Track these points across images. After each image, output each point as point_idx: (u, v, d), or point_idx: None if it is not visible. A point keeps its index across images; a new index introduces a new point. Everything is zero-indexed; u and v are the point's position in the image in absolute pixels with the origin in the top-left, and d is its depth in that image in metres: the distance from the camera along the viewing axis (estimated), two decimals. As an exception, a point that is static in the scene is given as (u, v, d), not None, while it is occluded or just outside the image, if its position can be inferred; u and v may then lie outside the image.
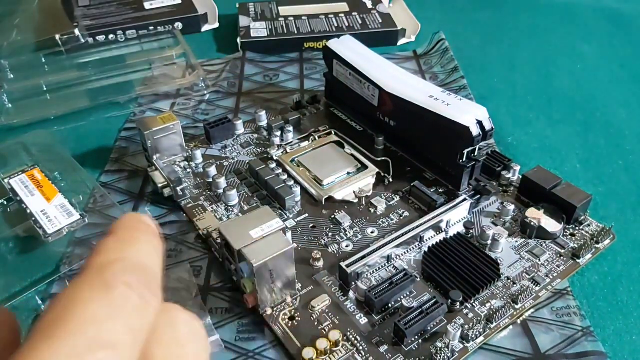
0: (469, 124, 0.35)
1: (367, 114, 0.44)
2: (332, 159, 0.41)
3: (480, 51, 0.61)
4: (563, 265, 0.34)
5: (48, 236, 0.35)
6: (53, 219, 0.36)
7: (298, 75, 0.56)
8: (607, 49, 0.61)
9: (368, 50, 0.44)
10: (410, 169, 0.41)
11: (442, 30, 0.61)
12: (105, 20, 0.62)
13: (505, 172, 0.40)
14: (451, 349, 0.29)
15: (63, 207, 0.37)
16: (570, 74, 0.56)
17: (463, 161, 0.37)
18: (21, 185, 0.39)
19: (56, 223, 0.36)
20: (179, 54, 0.57)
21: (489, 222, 0.37)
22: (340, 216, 0.37)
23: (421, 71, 0.56)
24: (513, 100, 0.52)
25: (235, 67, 0.57)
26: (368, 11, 0.65)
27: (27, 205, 0.37)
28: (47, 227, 0.35)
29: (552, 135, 0.47)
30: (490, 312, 0.31)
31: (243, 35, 0.60)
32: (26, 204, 0.37)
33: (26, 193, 0.38)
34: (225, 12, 0.67)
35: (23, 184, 0.39)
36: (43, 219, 0.36)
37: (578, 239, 0.35)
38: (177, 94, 0.52)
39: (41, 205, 0.37)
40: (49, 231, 0.35)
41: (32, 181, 0.39)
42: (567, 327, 0.31)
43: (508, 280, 0.33)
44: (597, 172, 0.43)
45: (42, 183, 0.39)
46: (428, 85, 0.39)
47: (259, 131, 0.46)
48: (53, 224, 0.36)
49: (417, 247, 0.35)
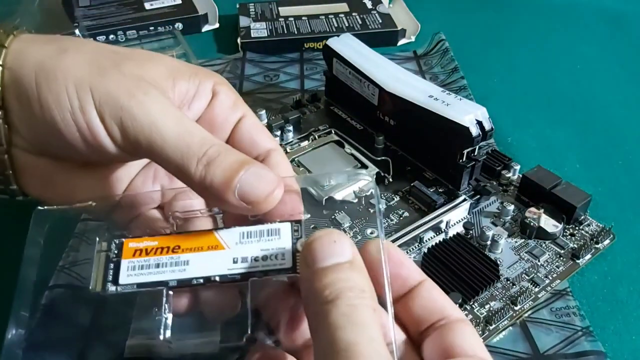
0: (469, 124, 0.35)
1: (367, 113, 0.44)
2: (332, 159, 0.41)
3: (480, 51, 0.61)
4: (562, 266, 0.34)
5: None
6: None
7: (298, 75, 0.56)
8: (607, 49, 0.61)
9: (368, 48, 0.44)
10: (410, 168, 0.41)
11: (442, 30, 0.61)
12: (105, 20, 0.62)
13: (505, 171, 0.40)
14: (450, 349, 0.29)
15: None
16: (570, 74, 0.56)
17: (463, 161, 0.37)
18: None
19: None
20: (179, 54, 0.57)
21: (489, 223, 0.37)
22: (340, 216, 0.37)
23: (421, 71, 0.56)
24: (513, 100, 0.52)
25: (235, 68, 0.57)
26: (368, 11, 0.65)
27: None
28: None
29: (552, 135, 0.47)
30: (490, 314, 0.31)
31: (243, 35, 0.60)
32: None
33: None
34: (225, 12, 0.67)
35: None
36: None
37: (578, 239, 0.35)
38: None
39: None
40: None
41: None
42: (567, 327, 0.31)
43: (507, 282, 0.33)
44: (597, 172, 0.43)
45: None
46: (428, 85, 0.39)
47: (258, 131, 0.46)
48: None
49: (416, 248, 0.35)
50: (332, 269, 0.18)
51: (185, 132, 0.21)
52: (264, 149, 0.25)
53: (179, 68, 0.24)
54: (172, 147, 0.21)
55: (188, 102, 0.24)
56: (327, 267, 0.18)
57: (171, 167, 0.21)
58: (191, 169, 0.20)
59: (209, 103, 0.25)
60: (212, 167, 0.20)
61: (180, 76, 0.24)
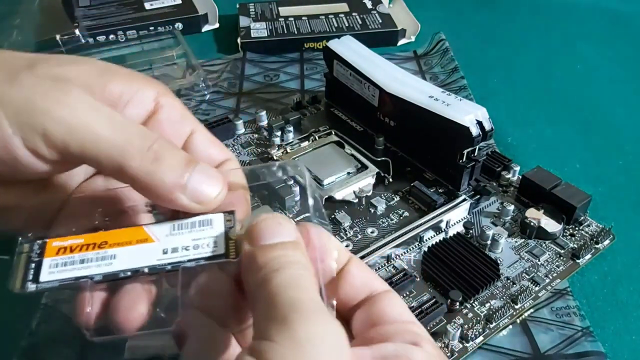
0: (469, 124, 0.35)
1: (367, 114, 0.44)
2: (332, 159, 0.41)
3: (480, 51, 0.61)
4: (563, 266, 0.34)
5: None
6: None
7: (298, 75, 0.56)
8: (607, 49, 0.61)
9: (368, 50, 0.44)
10: (410, 169, 0.41)
11: (442, 30, 0.61)
12: (105, 20, 0.62)
13: (505, 172, 0.40)
14: (450, 348, 0.29)
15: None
16: (570, 73, 0.56)
17: (463, 161, 0.37)
18: None
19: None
20: (179, 54, 0.57)
21: (489, 222, 0.37)
22: (340, 216, 0.37)
23: (421, 71, 0.56)
24: (513, 100, 0.52)
25: (235, 68, 0.57)
26: (368, 11, 0.65)
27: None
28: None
29: (552, 135, 0.47)
30: (490, 312, 0.31)
31: (243, 35, 0.60)
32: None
33: None
34: (225, 12, 0.67)
35: None
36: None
37: (578, 239, 0.35)
38: (177, 94, 0.52)
39: None
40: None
41: None
42: (567, 327, 0.31)
43: (507, 280, 0.33)
44: (597, 172, 0.43)
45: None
46: (428, 85, 0.39)
47: (259, 131, 0.46)
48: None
49: (416, 247, 0.35)
50: (277, 245, 0.18)
51: (121, 128, 0.19)
52: (219, 162, 0.24)
53: (111, 69, 0.22)
54: (108, 145, 0.19)
55: (121, 107, 0.22)
56: (272, 244, 0.18)
57: (110, 168, 0.19)
58: (133, 165, 0.19)
59: (154, 116, 0.23)
60: (161, 164, 0.19)
61: (113, 77, 0.22)
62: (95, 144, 0.19)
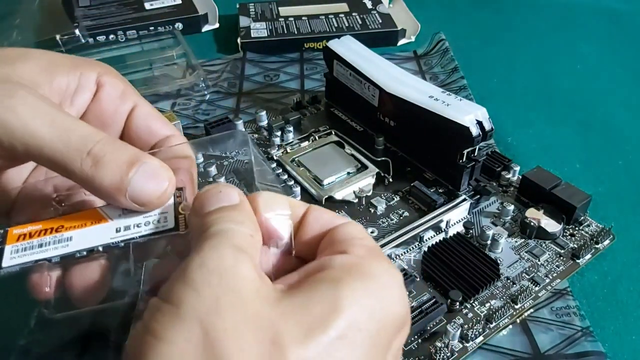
0: (469, 124, 0.35)
1: (367, 114, 0.44)
2: (332, 159, 0.41)
3: (480, 51, 0.61)
4: (563, 266, 0.34)
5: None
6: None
7: (298, 75, 0.56)
8: (607, 49, 0.61)
9: (368, 50, 0.44)
10: (410, 169, 0.41)
11: (442, 30, 0.61)
12: (105, 20, 0.62)
13: (505, 172, 0.40)
14: (450, 348, 0.29)
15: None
16: (570, 74, 0.56)
17: (463, 161, 0.37)
18: None
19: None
20: (179, 54, 0.57)
21: (489, 222, 0.37)
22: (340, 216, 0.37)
23: (421, 71, 0.57)
24: (513, 100, 0.52)
25: (235, 68, 0.57)
26: (368, 11, 0.65)
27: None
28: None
29: (552, 135, 0.47)
30: (490, 312, 0.31)
31: (243, 35, 0.60)
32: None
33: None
34: (225, 12, 0.67)
35: None
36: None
37: (578, 239, 0.35)
38: (177, 94, 0.52)
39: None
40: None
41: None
42: (567, 327, 0.31)
43: (507, 280, 0.33)
44: (597, 172, 0.43)
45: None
46: (428, 85, 0.39)
47: (259, 131, 0.46)
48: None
49: (416, 247, 0.35)
50: (218, 210, 0.19)
51: (62, 131, 0.20)
52: (162, 137, 0.24)
53: (56, 61, 0.23)
54: (50, 149, 0.19)
55: (69, 97, 0.23)
56: (213, 210, 0.19)
57: (55, 169, 0.20)
58: (75, 169, 0.20)
59: (95, 96, 0.24)
60: (100, 168, 0.19)
61: (57, 70, 0.23)
62: (38, 147, 0.19)
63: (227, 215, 0.19)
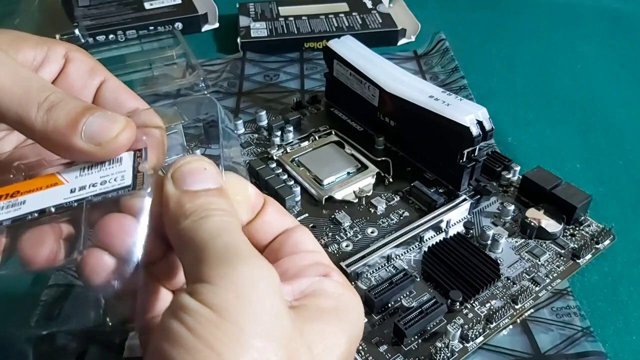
0: (469, 124, 0.35)
1: (368, 114, 0.44)
2: (332, 159, 0.41)
3: (480, 51, 0.61)
4: (563, 266, 0.34)
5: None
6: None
7: (298, 75, 0.56)
8: (607, 49, 0.61)
9: (368, 50, 0.44)
10: (410, 169, 0.41)
11: (442, 30, 0.61)
12: (105, 20, 0.62)
13: (505, 172, 0.40)
14: (451, 348, 0.29)
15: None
16: (570, 74, 0.56)
17: (463, 161, 0.37)
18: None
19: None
20: (179, 54, 0.57)
21: (489, 222, 0.37)
22: (340, 216, 0.37)
23: (421, 71, 0.56)
24: (513, 100, 0.52)
25: (235, 67, 0.57)
26: (368, 11, 0.65)
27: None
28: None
29: (552, 135, 0.47)
30: (490, 312, 0.31)
31: (243, 35, 0.60)
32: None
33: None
34: (225, 12, 0.67)
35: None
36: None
37: (578, 239, 0.35)
38: (177, 94, 0.52)
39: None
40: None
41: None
42: (567, 327, 0.31)
43: (508, 281, 0.33)
44: (597, 172, 0.43)
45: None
46: (428, 85, 0.39)
47: (259, 131, 0.46)
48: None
49: (417, 247, 0.35)
50: (203, 192, 0.19)
51: (23, 79, 0.20)
52: (130, 109, 0.24)
53: (23, 36, 0.23)
54: (8, 94, 0.20)
55: (35, 68, 0.23)
56: (199, 191, 0.19)
57: (11, 118, 0.20)
58: (31, 115, 0.20)
59: (63, 70, 0.24)
60: (55, 111, 0.20)
61: (24, 43, 0.23)
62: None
63: (217, 202, 0.19)
